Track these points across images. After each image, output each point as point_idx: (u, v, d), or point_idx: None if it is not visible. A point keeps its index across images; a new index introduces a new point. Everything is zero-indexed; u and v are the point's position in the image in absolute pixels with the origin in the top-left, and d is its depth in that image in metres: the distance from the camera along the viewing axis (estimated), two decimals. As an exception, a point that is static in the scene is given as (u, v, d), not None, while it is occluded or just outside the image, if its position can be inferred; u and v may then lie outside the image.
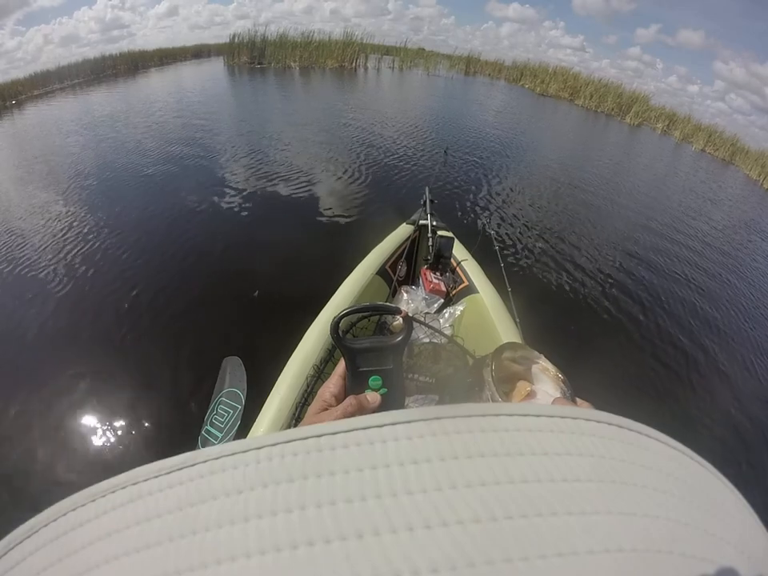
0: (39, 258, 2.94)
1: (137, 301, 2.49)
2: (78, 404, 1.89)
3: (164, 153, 5.11)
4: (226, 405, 1.73)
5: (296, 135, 6.11)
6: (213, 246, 3.10)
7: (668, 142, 13.54)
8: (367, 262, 1.54)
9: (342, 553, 0.11)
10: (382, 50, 17.60)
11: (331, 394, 0.44)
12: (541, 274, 3.29)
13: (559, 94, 15.79)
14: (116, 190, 4.12)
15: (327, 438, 0.15)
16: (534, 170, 6.22)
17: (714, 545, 0.14)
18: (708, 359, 2.76)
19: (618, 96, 14.92)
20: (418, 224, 1.81)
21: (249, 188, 4.15)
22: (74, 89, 10.25)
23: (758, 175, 11.03)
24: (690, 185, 8.16)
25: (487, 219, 4.12)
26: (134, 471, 0.15)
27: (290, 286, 2.56)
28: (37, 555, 0.14)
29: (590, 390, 0.71)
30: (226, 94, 9.81)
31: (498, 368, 0.58)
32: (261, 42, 13.96)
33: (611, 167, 7.45)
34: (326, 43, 14.79)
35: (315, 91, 11.43)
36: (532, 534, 0.12)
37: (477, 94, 14.37)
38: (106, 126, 6.47)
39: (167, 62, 14.14)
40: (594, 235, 4.28)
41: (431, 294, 1.44)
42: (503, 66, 18.03)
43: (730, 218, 6.57)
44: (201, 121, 6.68)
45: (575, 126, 12.20)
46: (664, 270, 3.90)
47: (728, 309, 3.52)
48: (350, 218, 3.72)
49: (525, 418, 0.16)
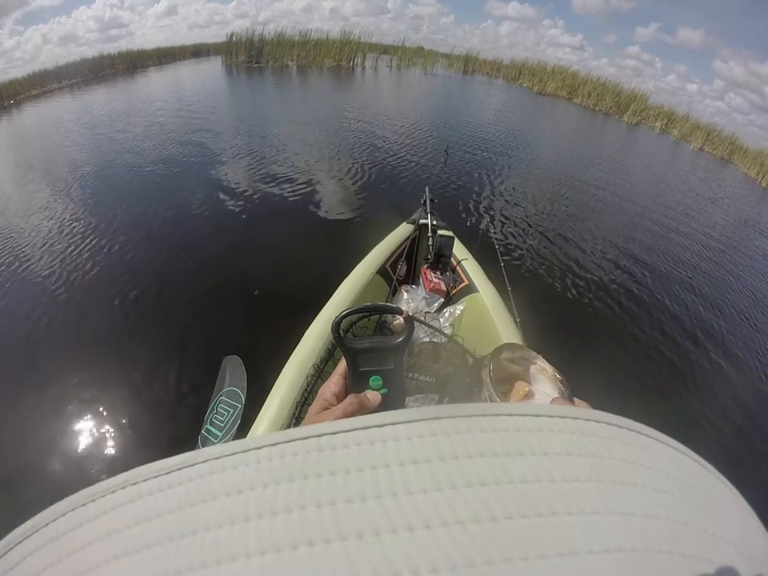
0: (41, 259, 2.94)
1: (137, 300, 2.50)
2: (78, 403, 1.89)
3: (164, 153, 5.10)
4: (225, 404, 1.73)
5: (295, 135, 6.11)
6: (213, 245, 3.10)
7: (666, 140, 13.55)
8: (367, 261, 1.54)
9: (342, 553, 0.11)
10: (380, 48, 17.54)
11: (332, 394, 0.44)
12: (541, 273, 3.29)
13: (557, 92, 15.78)
14: (116, 190, 4.12)
15: (327, 437, 0.15)
16: (533, 169, 6.23)
17: (713, 545, 0.14)
18: (709, 358, 2.76)
19: (616, 95, 14.91)
20: (418, 223, 1.81)
21: (248, 188, 4.15)
22: (72, 88, 10.23)
23: (757, 174, 11.05)
24: (690, 184, 8.17)
25: (487, 218, 4.12)
26: (133, 471, 0.15)
27: (290, 285, 2.56)
28: (37, 555, 0.14)
29: (589, 389, 0.71)
30: (225, 94, 9.80)
31: (496, 368, 0.58)
32: (259, 41, 13.93)
33: (610, 166, 7.45)
34: (324, 42, 14.76)
35: (313, 90, 11.42)
36: (532, 534, 0.12)
37: (475, 92, 14.37)
38: (105, 125, 6.47)
39: (166, 61, 14.11)
40: (594, 234, 4.28)
41: (431, 293, 1.44)
42: (501, 65, 18.01)
43: (729, 216, 6.57)
44: (200, 120, 6.68)
45: (574, 125, 12.20)
46: (664, 269, 3.90)
47: (729, 308, 3.52)
48: (349, 218, 3.72)
49: (525, 418, 0.16)
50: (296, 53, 14.35)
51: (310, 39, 14.60)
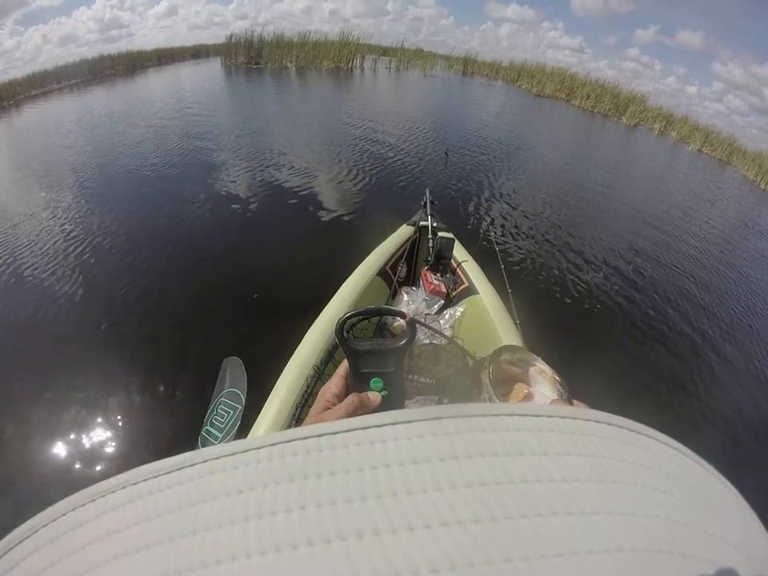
0: (40, 260, 2.93)
1: (137, 302, 2.50)
2: (78, 404, 1.89)
3: (164, 155, 5.09)
4: (226, 405, 1.72)
5: (295, 137, 6.11)
6: (213, 247, 3.10)
7: (665, 142, 13.57)
8: (367, 263, 1.55)
9: (342, 553, 0.11)
10: (379, 50, 17.55)
11: (333, 394, 0.44)
12: (541, 275, 3.30)
13: (556, 94, 15.80)
14: (116, 192, 4.11)
15: (327, 437, 0.15)
16: (535, 171, 6.23)
17: (714, 545, 0.14)
18: (708, 359, 2.77)
19: (614, 96, 14.93)
20: (418, 225, 1.82)
21: (249, 190, 4.15)
22: (71, 89, 10.22)
23: (756, 175, 11.04)
24: (689, 186, 8.18)
25: (488, 220, 4.13)
26: (133, 471, 0.15)
27: (291, 287, 2.57)
28: (37, 555, 0.14)
29: (589, 390, 0.71)
30: (224, 96, 9.79)
31: (496, 370, 0.58)
32: (258, 42, 13.95)
33: (610, 168, 7.46)
34: (323, 44, 14.77)
35: (313, 92, 11.42)
36: (532, 534, 0.12)
37: (474, 94, 14.38)
38: (105, 126, 6.47)
39: (165, 62, 14.11)
40: (594, 236, 4.29)
41: (431, 295, 1.44)
42: (501, 67, 18.04)
43: (728, 218, 6.59)
44: (200, 121, 6.68)
45: (572, 126, 12.23)
46: (665, 272, 3.91)
47: (731, 307, 3.54)
48: (350, 219, 3.72)
49: (525, 418, 0.16)
50: (295, 54, 14.34)
51: (308, 41, 14.60)
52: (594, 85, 15.48)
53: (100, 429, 1.80)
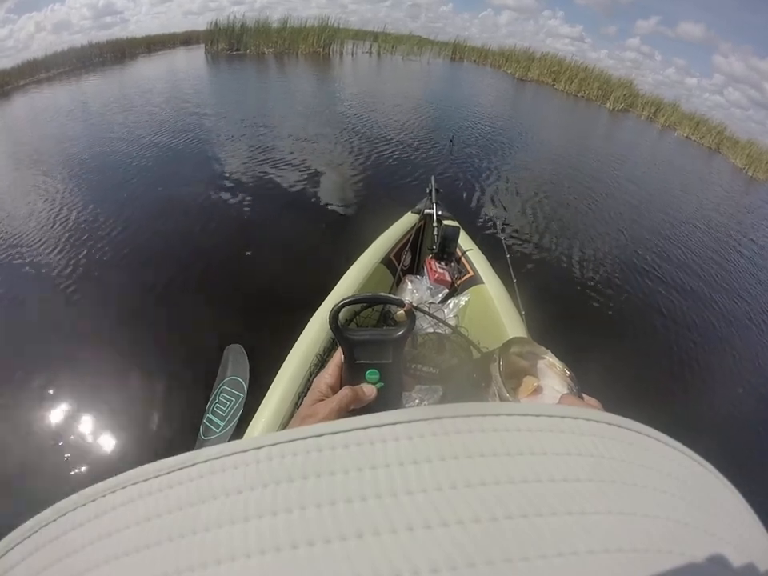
0: (39, 249, 2.90)
1: (139, 290, 2.50)
2: (79, 391, 1.89)
3: (159, 145, 4.92)
4: (228, 393, 1.72)
5: (294, 124, 5.94)
6: (216, 234, 3.09)
7: (668, 134, 13.39)
8: (371, 251, 1.54)
9: (342, 553, 0.11)
10: (362, 35, 17.07)
11: (327, 385, 0.43)
12: (547, 265, 3.28)
13: (541, 78, 15.47)
14: (113, 182, 4.01)
15: (327, 437, 0.15)
16: (540, 160, 6.13)
17: (714, 545, 0.14)
18: (711, 357, 2.74)
19: (604, 82, 14.61)
20: (423, 213, 1.80)
21: (251, 178, 4.10)
22: (60, 78, 9.80)
23: (744, 164, 11.21)
24: (690, 179, 8.12)
25: (493, 209, 4.08)
26: (134, 471, 0.15)
27: (294, 275, 2.57)
28: (37, 555, 0.14)
29: (593, 383, 0.71)
30: (208, 83, 9.35)
31: (506, 363, 0.57)
32: (240, 28, 13.70)
33: (608, 158, 7.32)
34: (301, 29, 14.33)
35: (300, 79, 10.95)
36: (532, 533, 0.12)
37: (464, 80, 14.11)
38: (96, 114, 6.28)
39: (155, 48, 13.80)
40: (602, 226, 4.25)
41: (436, 283, 1.43)
42: (489, 52, 17.71)
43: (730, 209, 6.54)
44: (191, 106, 6.52)
45: (570, 114, 12.06)
46: (674, 262, 3.89)
47: (737, 305, 3.51)
48: (354, 207, 3.69)
49: (525, 418, 0.16)
50: (273, 40, 14.01)
51: (286, 27, 14.18)
52: (578, 68, 15.05)
53: (97, 420, 1.77)
